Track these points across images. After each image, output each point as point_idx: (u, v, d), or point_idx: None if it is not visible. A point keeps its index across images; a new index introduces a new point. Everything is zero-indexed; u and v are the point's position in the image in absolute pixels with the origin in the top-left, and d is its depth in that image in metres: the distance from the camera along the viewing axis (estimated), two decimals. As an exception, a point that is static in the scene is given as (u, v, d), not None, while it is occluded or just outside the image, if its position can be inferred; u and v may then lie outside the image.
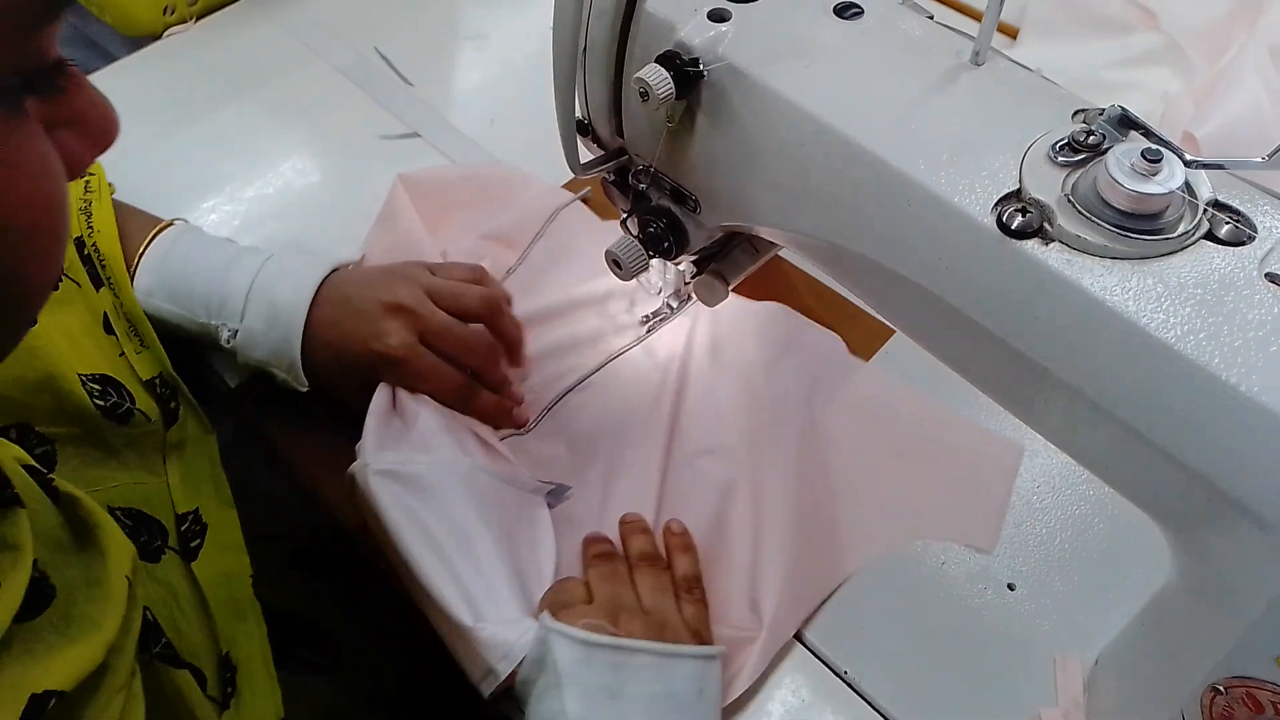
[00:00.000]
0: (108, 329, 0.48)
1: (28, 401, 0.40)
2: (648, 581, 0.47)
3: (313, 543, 0.60)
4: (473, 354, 0.53)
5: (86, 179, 0.53)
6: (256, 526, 0.51)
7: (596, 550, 0.49)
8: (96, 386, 0.44)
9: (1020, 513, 0.53)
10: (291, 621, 0.52)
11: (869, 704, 0.47)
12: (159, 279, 0.51)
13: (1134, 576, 0.49)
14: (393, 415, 0.51)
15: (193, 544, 0.46)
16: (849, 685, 0.48)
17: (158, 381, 0.48)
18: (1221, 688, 0.36)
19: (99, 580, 0.33)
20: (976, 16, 0.74)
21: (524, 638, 0.44)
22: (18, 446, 0.35)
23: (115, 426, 0.44)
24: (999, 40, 0.75)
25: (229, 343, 0.51)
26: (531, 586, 0.48)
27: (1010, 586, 0.51)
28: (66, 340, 0.43)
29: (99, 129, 0.26)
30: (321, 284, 0.51)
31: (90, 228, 0.51)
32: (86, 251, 0.50)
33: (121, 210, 0.53)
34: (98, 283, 0.49)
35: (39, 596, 0.31)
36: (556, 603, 0.46)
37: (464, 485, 0.48)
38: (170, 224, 0.54)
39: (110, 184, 0.54)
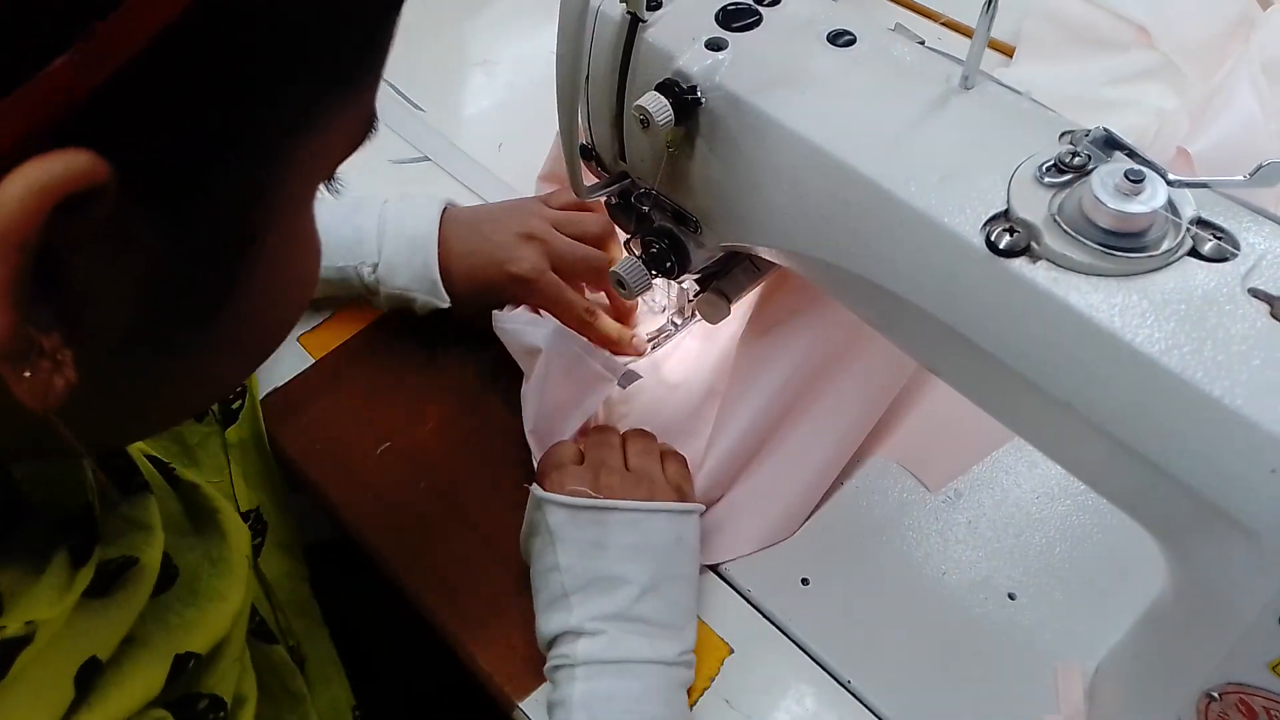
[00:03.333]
0: None
1: None
2: (636, 445, 0.53)
3: (329, 549, 0.61)
4: (600, 276, 0.58)
5: None
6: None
7: (597, 426, 0.56)
8: None
9: (1020, 523, 0.54)
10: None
11: (872, 712, 0.48)
12: None
13: (1133, 585, 0.50)
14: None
15: (255, 541, 0.48)
16: (852, 694, 0.48)
17: None
18: (1216, 694, 0.36)
19: (222, 558, 0.38)
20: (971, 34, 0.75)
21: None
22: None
23: (193, 423, 0.47)
24: (995, 60, 0.76)
25: (370, 276, 0.57)
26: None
27: (1011, 596, 0.51)
28: None
29: None
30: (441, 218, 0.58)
31: None
32: None
33: None
34: None
35: (165, 576, 0.34)
36: (548, 464, 0.51)
37: (551, 340, 0.54)
38: None
39: None
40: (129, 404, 0.27)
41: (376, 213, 0.58)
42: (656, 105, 0.40)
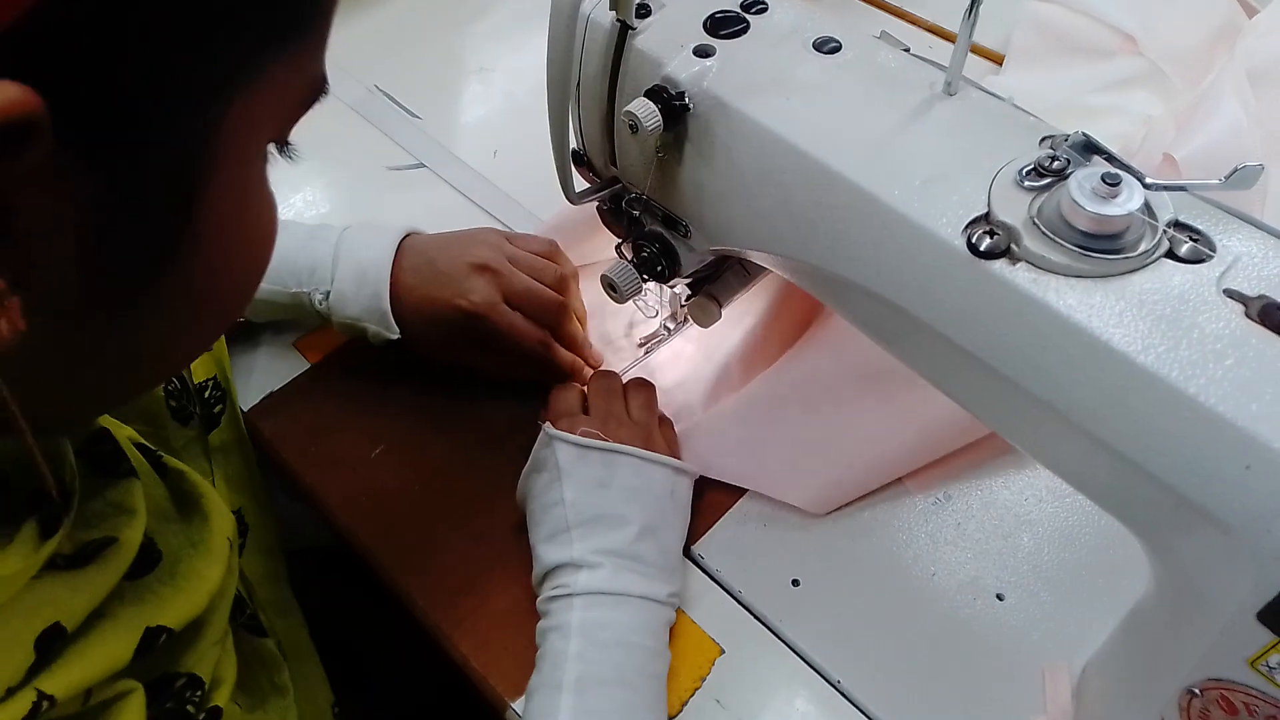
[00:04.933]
0: None
1: None
2: (639, 399, 0.55)
3: (329, 558, 0.62)
4: (549, 313, 0.57)
5: None
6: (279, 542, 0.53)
7: (598, 372, 0.58)
8: (176, 384, 0.47)
9: (1009, 525, 0.55)
10: (315, 637, 0.54)
11: (862, 712, 0.48)
12: None
13: (1120, 586, 0.51)
14: None
15: (238, 542, 0.48)
16: (842, 694, 0.49)
17: (210, 384, 0.51)
18: (1197, 690, 0.37)
19: (203, 541, 0.38)
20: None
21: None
22: (129, 427, 0.39)
23: (178, 428, 0.47)
24: (985, 68, 0.77)
25: (321, 304, 0.56)
26: None
27: (999, 597, 0.52)
28: None
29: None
30: (399, 247, 0.56)
31: None
32: None
33: None
34: None
35: (147, 559, 0.35)
36: (558, 411, 0.54)
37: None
38: None
39: None
40: (86, 374, 0.27)
41: (334, 239, 0.57)
42: (645, 111, 0.40)
